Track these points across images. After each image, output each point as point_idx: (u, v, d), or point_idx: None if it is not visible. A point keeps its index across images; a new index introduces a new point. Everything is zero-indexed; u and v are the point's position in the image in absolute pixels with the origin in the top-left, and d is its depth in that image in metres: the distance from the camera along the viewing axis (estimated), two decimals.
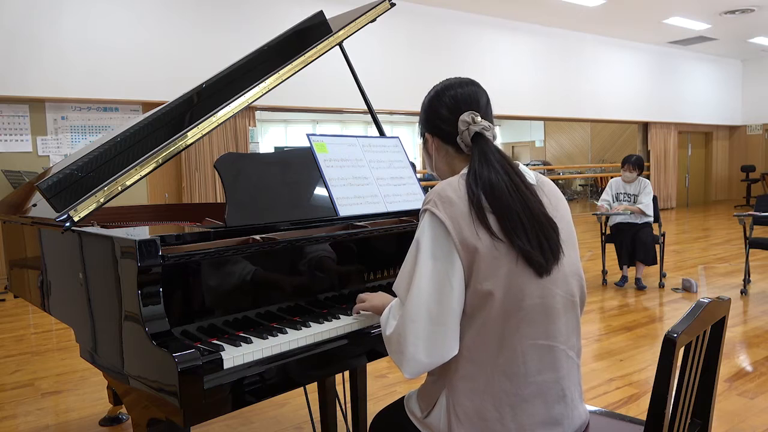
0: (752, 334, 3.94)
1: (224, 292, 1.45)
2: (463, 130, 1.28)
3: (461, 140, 1.29)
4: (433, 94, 1.37)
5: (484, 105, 1.33)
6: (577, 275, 1.28)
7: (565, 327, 1.24)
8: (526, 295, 1.17)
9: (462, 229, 1.16)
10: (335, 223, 1.75)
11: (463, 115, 1.28)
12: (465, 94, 1.32)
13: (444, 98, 1.33)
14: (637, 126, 12.91)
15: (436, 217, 1.18)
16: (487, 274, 1.15)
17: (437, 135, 1.35)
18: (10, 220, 2.33)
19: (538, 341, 1.20)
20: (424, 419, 1.31)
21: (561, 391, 1.23)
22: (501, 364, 1.18)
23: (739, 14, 10.16)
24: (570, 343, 1.26)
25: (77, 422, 2.78)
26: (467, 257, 1.16)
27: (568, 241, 1.26)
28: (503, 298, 1.16)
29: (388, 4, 2.37)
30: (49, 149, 6.55)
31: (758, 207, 5.22)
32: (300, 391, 1.96)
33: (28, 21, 6.22)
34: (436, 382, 1.28)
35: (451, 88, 1.34)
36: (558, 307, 1.22)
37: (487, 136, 1.27)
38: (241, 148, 7.63)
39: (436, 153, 1.38)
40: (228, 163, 1.61)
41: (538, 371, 1.20)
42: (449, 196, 1.19)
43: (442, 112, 1.33)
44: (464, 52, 9.66)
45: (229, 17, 7.40)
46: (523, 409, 1.20)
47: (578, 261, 1.31)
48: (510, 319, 1.17)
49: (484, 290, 1.15)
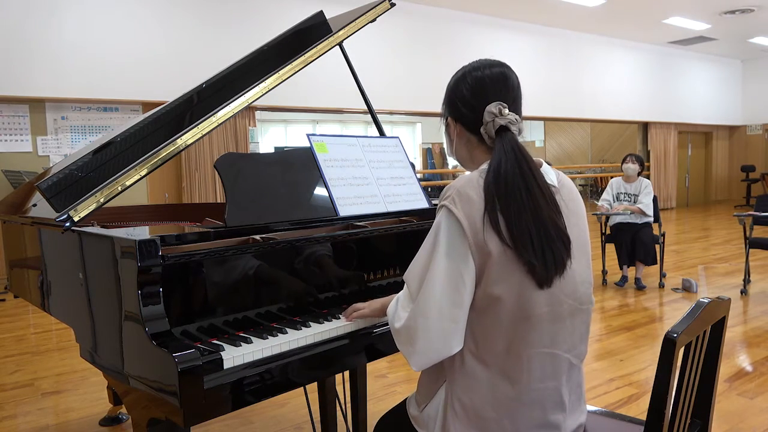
0: (752, 334, 3.94)
1: (224, 292, 1.45)
2: (488, 121, 1.21)
3: (485, 131, 1.23)
4: (460, 75, 1.29)
5: (514, 89, 1.25)
6: (587, 283, 1.25)
7: (571, 335, 1.23)
8: (535, 303, 1.15)
9: (477, 231, 1.13)
10: (335, 223, 1.75)
11: (490, 106, 1.21)
12: (493, 76, 1.25)
13: (470, 80, 1.26)
14: (637, 126, 12.91)
15: (453, 215, 1.15)
16: (498, 278, 1.13)
17: (460, 121, 1.28)
18: (10, 220, 2.33)
19: (543, 349, 1.19)
20: (420, 412, 1.30)
21: (560, 398, 1.23)
22: (505, 368, 1.18)
23: (739, 14, 10.15)
24: (575, 351, 1.25)
25: (77, 422, 2.78)
26: (480, 259, 1.14)
27: (580, 248, 1.23)
28: (514, 305, 1.14)
29: (388, 4, 2.37)
30: (49, 149, 6.55)
31: (758, 207, 5.22)
32: (300, 391, 1.96)
33: (27, 21, 6.22)
34: (437, 377, 1.27)
35: (477, 70, 1.26)
36: (565, 315, 1.20)
37: (512, 130, 1.21)
38: (241, 148, 7.63)
39: (457, 139, 1.31)
40: (228, 163, 1.61)
41: (541, 379, 1.20)
42: (469, 194, 1.15)
43: (466, 96, 1.26)
44: (464, 52, 9.65)
45: (229, 17, 7.40)
46: (521, 413, 1.20)
47: (589, 268, 1.27)
48: (519, 325, 1.16)
49: (494, 294, 1.14)
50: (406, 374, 3.27)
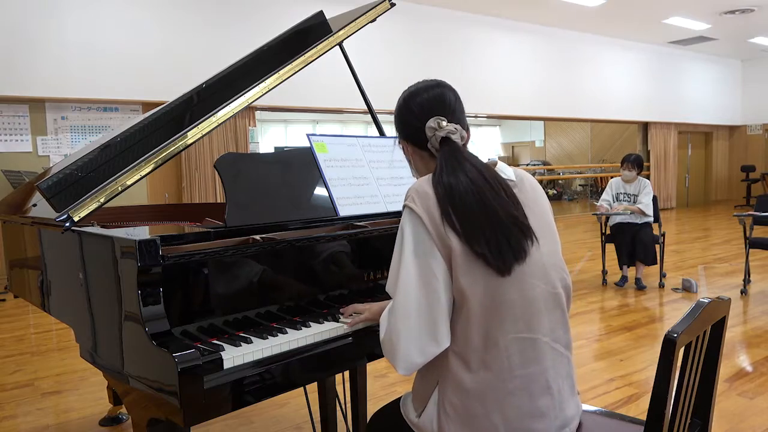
0: (752, 334, 3.94)
1: (224, 292, 1.45)
2: (430, 136, 1.31)
3: (431, 146, 1.32)
4: (401, 102, 1.39)
5: (451, 105, 1.34)
6: (558, 267, 1.29)
7: (548, 320, 1.25)
8: (503, 291, 1.19)
9: (437, 224, 1.19)
10: (335, 223, 1.75)
11: (429, 122, 1.31)
12: (431, 98, 1.34)
13: (412, 106, 1.36)
14: (637, 126, 12.91)
15: (413, 212, 1.22)
16: (463, 271, 1.18)
17: (410, 141, 1.38)
18: (10, 220, 2.33)
19: (521, 335, 1.21)
20: (418, 419, 1.31)
21: (546, 383, 1.24)
22: (486, 359, 1.20)
23: (739, 14, 10.16)
24: (555, 336, 1.27)
25: (77, 422, 2.78)
26: (445, 252, 1.19)
27: (545, 235, 1.28)
28: (483, 295, 1.18)
29: (388, 4, 2.37)
30: (49, 149, 6.55)
31: (758, 207, 5.22)
32: (300, 391, 1.96)
33: (28, 21, 6.22)
34: (429, 380, 1.28)
35: (417, 95, 1.36)
36: (539, 300, 1.23)
37: (453, 139, 1.29)
38: (241, 148, 7.63)
39: (413, 157, 1.41)
40: (228, 163, 1.61)
41: (522, 365, 1.21)
42: (425, 189, 1.23)
43: (411, 120, 1.35)
44: (464, 51, 9.66)
45: (229, 17, 7.40)
46: (508, 402, 1.21)
47: (558, 253, 1.32)
48: (491, 314, 1.19)
49: (463, 287, 1.18)
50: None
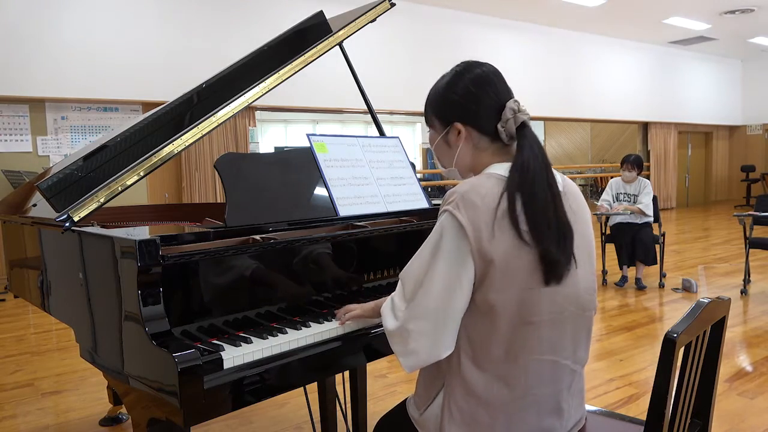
0: (752, 334, 3.94)
1: (224, 292, 1.45)
2: (509, 118, 1.18)
3: (504, 129, 1.20)
4: (452, 78, 1.26)
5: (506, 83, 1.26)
6: (590, 289, 1.24)
7: (572, 341, 1.22)
8: (537, 310, 1.15)
9: (482, 237, 1.11)
10: (335, 223, 1.75)
11: (510, 102, 1.20)
12: (491, 72, 1.24)
13: (469, 80, 1.23)
14: (637, 126, 12.91)
15: (456, 219, 1.13)
16: (499, 286, 1.12)
17: (472, 124, 1.23)
18: (10, 220, 2.33)
19: (544, 357, 1.18)
20: (420, 415, 1.30)
21: (557, 405, 1.23)
22: (503, 373, 1.17)
23: (739, 14, 10.15)
24: (576, 357, 1.25)
25: (77, 422, 2.78)
26: (482, 265, 1.12)
27: (585, 255, 1.22)
28: (514, 311, 1.13)
29: (388, 4, 2.37)
30: (49, 149, 6.55)
31: (758, 207, 5.22)
32: (300, 391, 1.96)
33: (28, 21, 6.21)
34: (435, 379, 1.27)
35: (469, 70, 1.24)
36: (567, 323, 1.20)
37: (530, 127, 1.21)
38: (241, 148, 7.63)
39: (463, 145, 1.25)
40: (228, 163, 1.61)
41: (538, 385, 1.19)
42: (473, 200, 1.12)
43: (487, 96, 1.21)
44: (464, 51, 9.63)
45: (229, 17, 7.40)
46: (517, 418, 1.19)
47: (593, 275, 1.26)
48: (517, 332, 1.15)
49: (494, 301, 1.13)
50: (406, 374, 3.27)
